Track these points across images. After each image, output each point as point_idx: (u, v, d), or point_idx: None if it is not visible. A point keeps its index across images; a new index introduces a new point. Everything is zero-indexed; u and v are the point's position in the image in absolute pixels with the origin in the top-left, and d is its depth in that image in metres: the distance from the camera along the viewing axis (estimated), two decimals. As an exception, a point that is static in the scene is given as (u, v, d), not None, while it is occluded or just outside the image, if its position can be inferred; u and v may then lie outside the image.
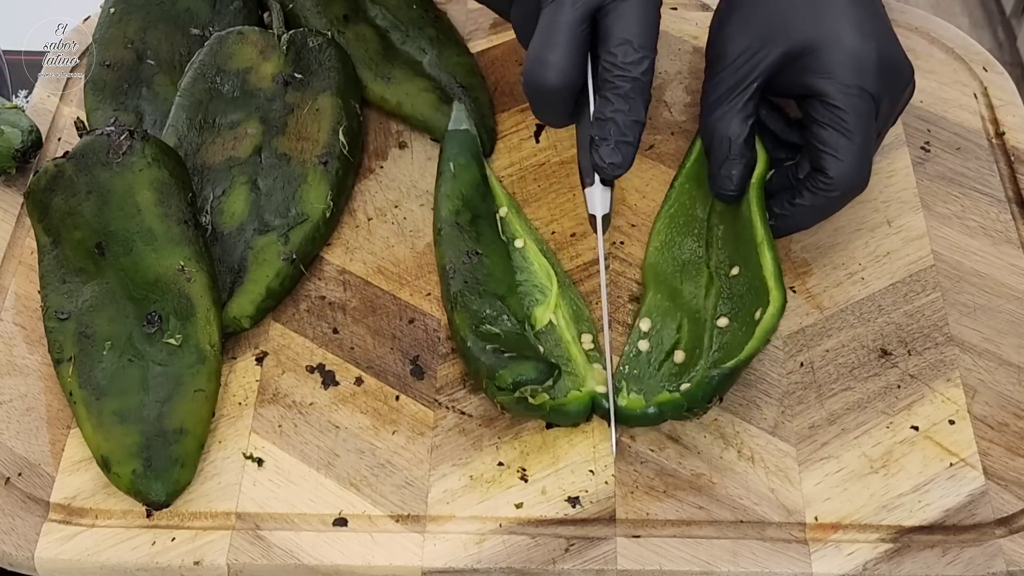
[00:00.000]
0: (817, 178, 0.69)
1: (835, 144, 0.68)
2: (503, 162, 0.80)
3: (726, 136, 0.70)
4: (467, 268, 0.71)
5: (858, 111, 0.68)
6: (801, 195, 0.70)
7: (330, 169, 0.75)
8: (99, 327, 0.67)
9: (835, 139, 0.68)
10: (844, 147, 0.68)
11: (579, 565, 0.62)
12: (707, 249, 0.73)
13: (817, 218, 0.71)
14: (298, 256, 0.73)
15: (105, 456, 0.64)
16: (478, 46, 0.88)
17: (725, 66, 0.71)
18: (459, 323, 0.68)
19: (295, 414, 0.68)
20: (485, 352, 0.65)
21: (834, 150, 0.68)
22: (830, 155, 0.68)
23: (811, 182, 0.69)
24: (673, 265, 0.73)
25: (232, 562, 0.62)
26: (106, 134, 0.72)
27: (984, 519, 0.64)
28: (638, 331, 0.70)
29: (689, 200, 0.75)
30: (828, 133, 0.68)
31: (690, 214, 0.74)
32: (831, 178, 0.68)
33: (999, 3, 1.99)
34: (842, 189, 0.69)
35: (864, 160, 0.69)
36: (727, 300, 0.69)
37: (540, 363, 0.63)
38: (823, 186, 0.69)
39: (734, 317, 0.68)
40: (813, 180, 0.69)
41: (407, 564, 0.62)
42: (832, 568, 0.62)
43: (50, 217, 0.71)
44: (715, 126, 0.71)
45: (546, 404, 0.64)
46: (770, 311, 0.65)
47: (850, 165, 0.68)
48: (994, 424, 0.67)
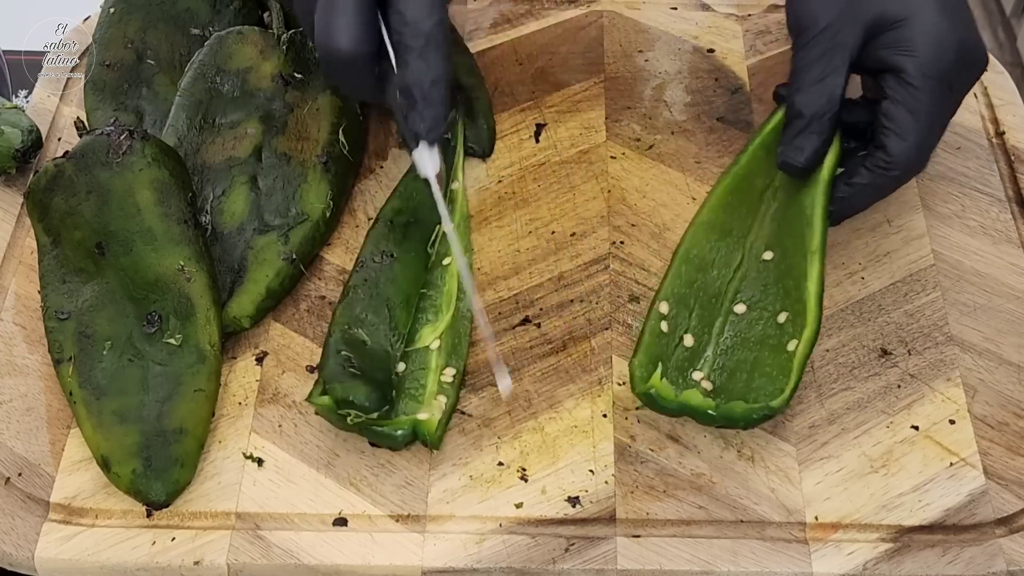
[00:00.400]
0: (877, 155, 0.68)
1: (901, 122, 0.67)
2: (503, 162, 0.80)
3: (808, 107, 0.69)
4: (375, 267, 0.71)
5: (932, 92, 0.67)
6: (859, 173, 0.69)
7: (330, 169, 0.75)
8: (99, 327, 0.67)
9: (902, 117, 0.67)
10: (909, 126, 0.67)
11: (579, 565, 0.62)
12: (751, 223, 0.72)
13: (873, 199, 0.70)
14: (298, 256, 0.73)
15: (105, 456, 0.64)
16: (478, 46, 0.88)
17: (811, 38, 0.69)
18: (336, 316, 0.69)
19: (295, 414, 0.68)
20: (336, 356, 0.66)
21: (899, 128, 0.67)
22: (894, 133, 0.67)
23: (870, 160, 0.68)
24: (714, 235, 0.72)
25: (232, 562, 0.62)
26: (106, 134, 0.72)
27: (984, 519, 0.64)
28: (658, 314, 0.69)
29: (756, 167, 0.73)
30: (896, 109, 0.67)
31: (751, 182, 0.73)
32: (891, 156, 0.68)
33: (999, 3, 1.99)
34: (900, 169, 0.68)
35: (926, 143, 0.68)
36: (751, 286, 0.69)
37: (375, 392, 0.64)
38: (883, 164, 0.68)
39: (752, 307, 0.68)
40: (873, 158, 0.68)
41: (407, 564, 0.62)
42: (832, 568, 0.62)
43: (50, 217, 0.71)
44: (797, 97, 0.69)
45: (365, 423, 0.64)
46: (806, 335, 0.66)
47: (912, 145, 0.67)
48: (994, 424, 0.67)
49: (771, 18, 0.90)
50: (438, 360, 0.69)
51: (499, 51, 0.88)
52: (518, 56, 0.87)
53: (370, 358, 0.67)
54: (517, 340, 0.71)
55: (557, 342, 0.71)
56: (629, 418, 0.67)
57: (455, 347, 0.70)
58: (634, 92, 0.84)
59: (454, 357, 0.69)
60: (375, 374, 0.66)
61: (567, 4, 0.91)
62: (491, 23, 0.90)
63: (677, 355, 0.68)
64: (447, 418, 0.66)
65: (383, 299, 0.70)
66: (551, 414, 0.68)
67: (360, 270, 0.71)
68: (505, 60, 0.87)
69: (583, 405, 0.68)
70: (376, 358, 0.67)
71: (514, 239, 0.76)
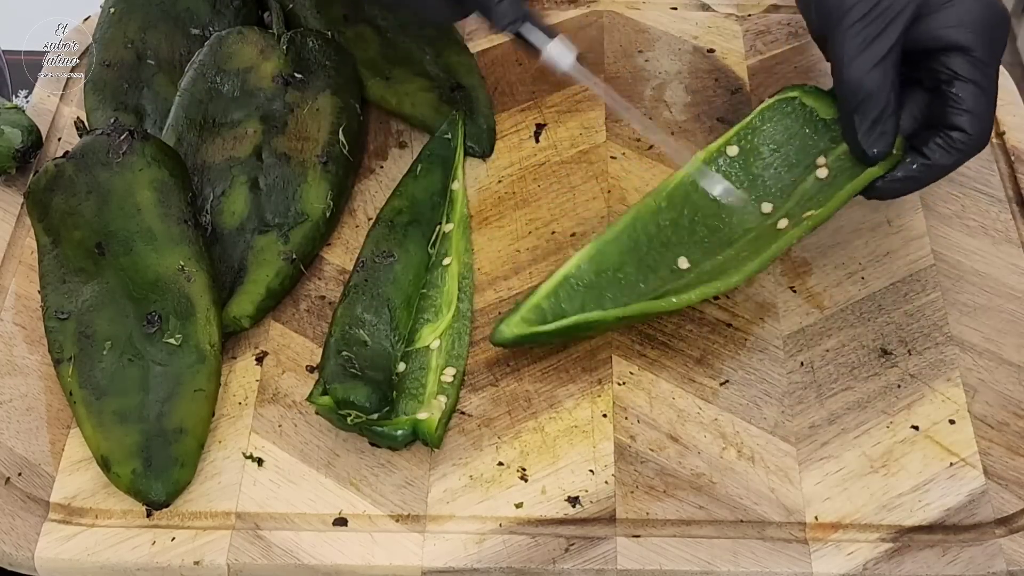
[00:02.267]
0: (953, 136, 0.67)
1: (974, 99, 0.66)
2: (503, 162, 0.80)
3: (879, 88, 0.67)
4: (376, 267, 0.72)
5: (994, 67, 0.67)
6: (933, 152, 0.68)
7: (330, 169, 0.75)
8: (99, 327, 0.67)
9: (974, 95, 0.66)
10: (983, 103, 0.67)
11: (579, 565, 0.62)
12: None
13: (940, 176, 0.69)
14: (298, 256, 0.73)
15: (105, 456, 0.64)
16: (478, 46, 0.88)
17: (860, 16, 0.67)
18: (337, 316, 0.69)
19: (295, 414, 0.68)
20: (336, 356, 0.66)
21: (972, 106, 0.66)
22: (967, 112, 0.66)
23: (944, 139, 0.67)
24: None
25: (232, 562, 0.62)
26: (106, 134, 0.72)
27: (984, 519, 0.64)
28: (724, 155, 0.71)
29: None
30: (966, 88, 0.66)
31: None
32: (969, 135, 0.67)
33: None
34: (977, 146, 0.67)
35: (993, 115, 0.68)
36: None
37: (376, 393, 0.64)
38: (961, 144, 0.67)
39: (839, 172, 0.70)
40: (947, 138, 0.67)
41: (407, 564, 0.62)
42: (832, 568, 0.62)
43: (50, 217, 0.71)
44: (863, 79, 0.67)
45: (365, 423, 0.64)
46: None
47: (987, 121, 0.67)
48: (994, 424, 0.67)
49: (771, 18, 0.90)
50: (438, 360, 0.69)
51: (499, 51, 0.88)
52: (518, 56, 0.87)
53: (371, 358, 0.67)
54: (517, 340, 0.71)
55: (557, 342, 0.71)
56: (629, 418, 0.67)
57: (455, 347, 0.70)
58: (634, 92, 0.84)
59: (454, 357, 0.69)
60: (375, 374, 0.66)
61: (567, 4, 0.91)
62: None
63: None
64: (447, 418, 0.66)
65: (383, 299, 0.70)
66: (551, 414, 0.68)
67: (360, 270, 0.71)
68: (505, 60, 0.87)
69: (583, 405, 0.68)
70: (377, 358, 0.67)
71: (514, 239, 0.76)
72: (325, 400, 0.64)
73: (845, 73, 0.67)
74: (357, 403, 0.64)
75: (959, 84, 0.67)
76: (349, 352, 0.67)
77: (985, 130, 0.68)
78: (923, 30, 0.67)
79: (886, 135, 0.68)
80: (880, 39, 0.67)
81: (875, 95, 0.67)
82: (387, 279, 0.71)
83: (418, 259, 0.73)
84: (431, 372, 0.68)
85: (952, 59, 0.67)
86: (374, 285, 0.71)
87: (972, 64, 0.66)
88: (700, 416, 0.68)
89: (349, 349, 0.67)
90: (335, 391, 0.64)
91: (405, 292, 0.71)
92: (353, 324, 0.68)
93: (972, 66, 0.66)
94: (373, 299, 0.70)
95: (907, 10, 0.67)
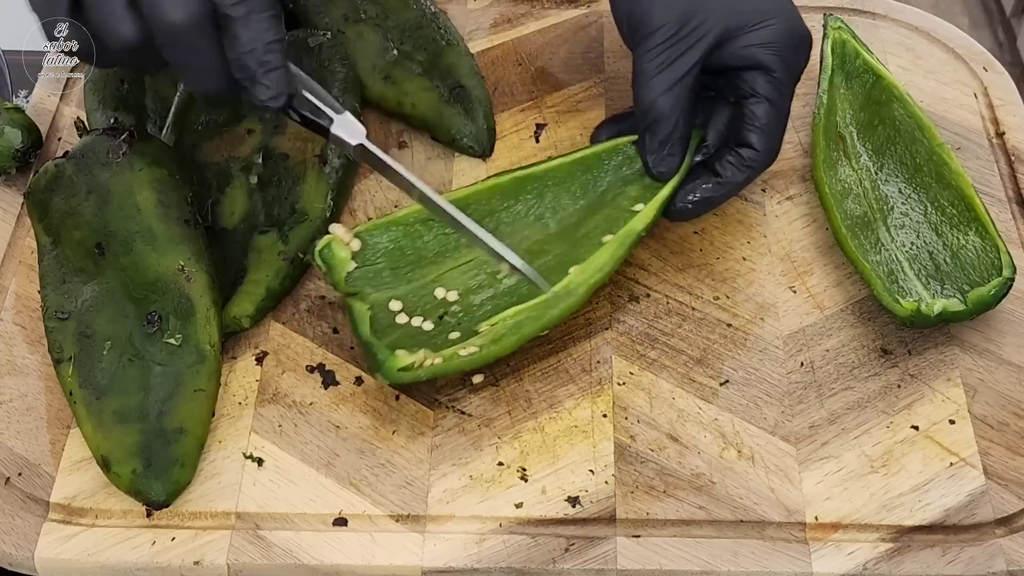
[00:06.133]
0: (743, 152, 0.70)
1: (767, 118, 0.69)
2: (503, 162, 0.80)
3: (673, 113, 0.69)
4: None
5: (790, 88, 0.70)
6: (726, 169, 0.70)
7: (330, 169, 0.75)
8: (99, 327, 0.67)
9: (768, 113, 0.69)
10: (775, 121, 0.69)
11: (579, 565, 0.62)
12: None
13: (733, 194, 0.72)
14: (298, 256, 0.73)
15: (105, 456, 0.64)
16: (478, 46, 0.88)
17: (661, 40, 0.69)
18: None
19: (295, 414, 0.68)
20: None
21: (764, 123, 0.69)
22: (759, 129, 0.69)
23: (735, 157, 0.70)
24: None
25: (232, 562, 0.62)
26: (106, 134, 0.72)
27: (984, 519, 0.64)
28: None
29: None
30: (762, 107, 0.69)
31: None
32: (758, 151, 0.69)
33: (999, 3, 1.99)
34: (766, 162, 0.70)
35: (783, 134, 0.71)
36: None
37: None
38: (749, 161, 0.70)
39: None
40: (736, 155, 0.70)
41: (407, 564, 0.62)
42: (832, 568, 0.62)
43: (50, 217, 0.71)
44: (658, 102, 0.69)
45: (370, 342, 0.66)
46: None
47: (775, 139, 0.70)
48: (994, 424, 0.67)
49: (771, 18, 0.90)
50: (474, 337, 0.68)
51: (499, 51, 0.88)
52: (518, 56, 0.87)
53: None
54: (517, 340, 0.71)
55: (557, 342, 0.71)
56: (629, 418, 0.68)
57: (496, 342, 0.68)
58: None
59: (487, 345, 0.67)
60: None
61: (567, 4, 0.91)
62: (491, 23, 0.90)
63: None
64: (418, 376, 0.65)
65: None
66: (551, 414, 0.68)
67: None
68: (505, 60, 0.87)
69: (583, 405, 0.68)
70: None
71: (514, 239, 0.76)
72: (362, 308, 0.67)
73: (640, 93, 0.70)
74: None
75: (754, 101, 0.69)
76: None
77: (773, 147, 0.70)
78: (730, 50, 0.70)
79: (672, 157, 0.70)
80: (676, 64, 0.69)
81: (665, 118, 0.69)
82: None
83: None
84: (460, 337, 0.68)
85: (752, 77, 0.70)
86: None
87: (770, 83, 0.69)
88: (700, 416, 0.68)
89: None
90: (368, 295, 0.67)
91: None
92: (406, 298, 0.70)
93: (770, 85, 0.69)
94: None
95: (708, 36, 0.69)
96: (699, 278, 0.74)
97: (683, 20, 0.69)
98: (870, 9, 0.90)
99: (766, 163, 0.71)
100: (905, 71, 0.86)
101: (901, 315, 0.68)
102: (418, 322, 0.68)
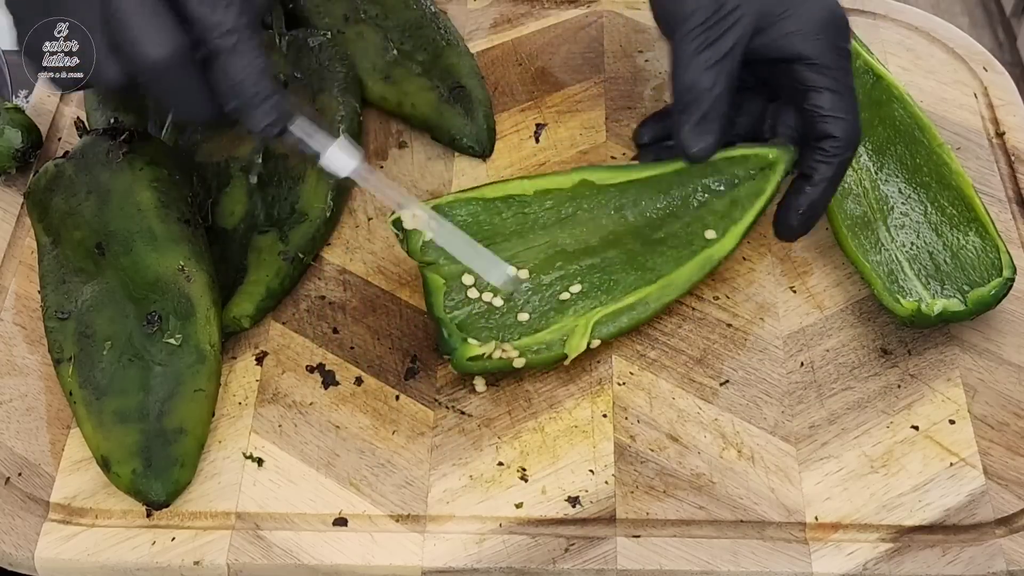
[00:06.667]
0: (825, 145, 0.68)
1: (831, 104, 0.67)
2: (503, 162, 0.80)
3: (712, 90, 0.68)
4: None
5: (845, 68, 0.68)
6: (816, 169, 0.68)
7: (330, 169, 0.75)
8: (99, 327, 0.67)
9: (834, 100, 0.67)
10: (842, 105, 0.67)
11: (579, 565, 0.62)
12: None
13: (833, 190, 0.70)
14: (298, 256, 0.73)
15: (105, 456, 0.64)
16: (478, 46, 0.88)
17: (698, 23, 0.68)
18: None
19: (295, 414, 0.68)
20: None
21: (834, 110, 0.67)
22: (832, 117, 0.67)
23: (820, 154, 0.68)
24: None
25: (232, 562, 0.62)
26: (106, 134, 0.72)
27: (984, 519, 0.64)
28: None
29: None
30: (824, 97, 0.67)
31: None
32: (840, 139, 0.67)
33: (999, 3, 1.99)
34: (851, 147, 0.68)
35: (857, 111, 0.69)
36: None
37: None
38: (834, 151, 0.68)
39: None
40: (819, 151, 0.68)
41: (407, 564, 0.62)
42: (832, 568, 0.62)
43: (50, 217, 0.71)
44: (697, 80, 0.68)
45: (443, 318, 0.68)
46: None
47: (853, 121, 0.68)
48: (994, 424, 0.67)
49: (771, 18, 0.90)
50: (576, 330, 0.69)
51: (499, 51, 0.88)
52: (518, 56, 0.87)
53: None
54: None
55: (557, 342, 0.71)
56: (629, 418, 0.68)
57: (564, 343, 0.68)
58: (634, 92, 0.84)
59: (550, 348, 0.68)
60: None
61: (567, 4, 0.91)
62: (491, 23, 0.90)
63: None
64: (485, 367, 0.67)
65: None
66: (551, 414, 0.68)
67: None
68: (505, 60, 0.87)
69: (583, 405, 0.68)
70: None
71: (514, 239, 0.76)
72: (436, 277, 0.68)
73: (678, 74, 0.69)
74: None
75: (813, 94, 0.68)
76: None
77: (854, 129, 0.68)
78: (765, 42, 0.68)
79: (709, 135, 0.69)
80: (714, 46, 0.68)
81: (704, 96, 0.68)
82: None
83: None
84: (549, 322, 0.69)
85: (799, 70, 0.68)
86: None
87: (818, 72, 0.68)
88: (700, 416, 0.68)
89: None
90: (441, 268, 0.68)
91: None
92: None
93: (819, 73, 0.68)
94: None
95: (744, 20, 0.68)
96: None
97: (718, 4, 0.68)
98: (870, 9, 0.90)
99: (851, 146, 0.68)
100: (905, 71, 0.86)
101: (902, 315, 0.68)
102: (488, 298, 0.69)
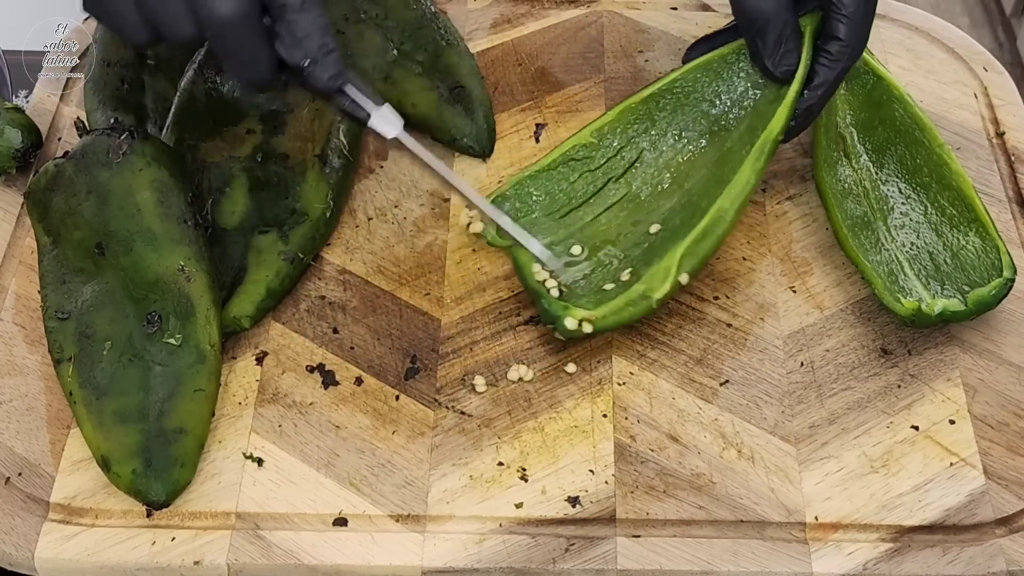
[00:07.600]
0: (829, 50, 0.70)
1: (854, 4, 0.69)
2: (503, 162, 0.80)
3: (779, 10, 0.70)
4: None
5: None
6: (816, 74, 0.71)
7: (330, 169, 0.76)
8: (99, 327, 0.67)
9: (855, 3, 0.69)
10: (861, 11, 0.69)
11: (579, 565, 0.62)
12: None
13: (829, 96, 0.72)
14: (298, 256, 0.73)
15: (105, 456, 0.64)
16: (478, 46, 0.88)
17: None
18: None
19: (295, 414, 0.68)
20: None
21: (851, 11, 0.69)
22: (846, 18, 0.69)
23: (824, 57, 0.70)
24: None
25: (232, 562, 0.62)
26: (106, 134, 0.72)
27: (984, 519, 0.64)
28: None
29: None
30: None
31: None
32: (844, 42, 0.70)
33: (999, 3, 1.99)
34: (853, 54, 0.70)
35: (870, 20, 0.70)
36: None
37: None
38: (837, 55, 0.70)
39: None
40: (824, 54, 0.70)
41: (407, 564, 0.62)
42: (832, 568, 0.62)
43: (50, 217, 0.71)
44: (763, 5, 0.70)
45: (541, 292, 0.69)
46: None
47: (863, 29, 0.70)
48: (994, 424, 0.67)
49: (771, 18, 0.90)
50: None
51: (499, 51, 0.88)
52: (518, 56, 0.87)
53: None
54: (518, 340, 0.71)
55: (557, 342, 0.71)
56: (629, 418, 0.68)
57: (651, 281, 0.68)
58: (634, 92, 0.84)
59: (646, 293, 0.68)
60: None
61: (567, 4, 0.91)
62: (491, 23, 0.90)
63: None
64: (585, 332, 0.67)
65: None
66: (551, 414, 0.68)
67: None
68: (505, 60, 0.87)
69: (583, 405, 0.68)
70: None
71: (514, 239, 0.76)
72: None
73: (744, 3, 0.71)
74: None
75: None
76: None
77: (861, 36, 0.70)
78: None
79: (790, 52, 0.71)
80: None
81: (773, 18, 0.70)
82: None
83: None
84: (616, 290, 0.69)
85: None
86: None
87: None
88: (700, 416, 0.68)
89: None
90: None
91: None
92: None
93: None
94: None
95: None
96: (699, 278, 0.74)
97: None
98: (870, 9, 0.90)
99: (854, 55, 0.71)
100: (905, 71, 0.86)
101: (902, 314, 0.68)
102: (552, 284, 0.70)
